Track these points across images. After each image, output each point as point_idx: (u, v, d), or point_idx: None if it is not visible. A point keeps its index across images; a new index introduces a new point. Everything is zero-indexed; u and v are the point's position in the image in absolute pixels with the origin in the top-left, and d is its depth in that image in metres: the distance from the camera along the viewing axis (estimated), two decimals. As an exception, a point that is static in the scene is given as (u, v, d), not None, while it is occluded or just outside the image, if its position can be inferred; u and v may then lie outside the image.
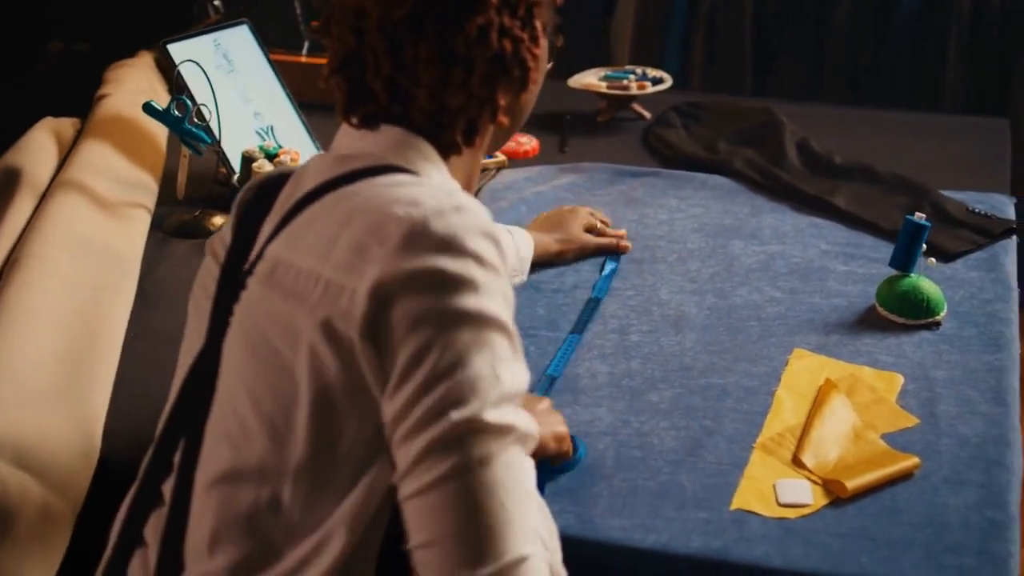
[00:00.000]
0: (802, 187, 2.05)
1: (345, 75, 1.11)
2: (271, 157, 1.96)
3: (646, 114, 2.40)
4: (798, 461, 1.39)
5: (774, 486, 1.35)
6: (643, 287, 1.77)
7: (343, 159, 1.12)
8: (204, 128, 1.91)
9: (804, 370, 1.56)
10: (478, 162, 1.20)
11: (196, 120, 1.90)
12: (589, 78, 2.43)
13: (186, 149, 1.93)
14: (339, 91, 1.12)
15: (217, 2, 2.55)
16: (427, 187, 1.07)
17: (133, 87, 2.24)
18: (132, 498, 1.18)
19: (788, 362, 1.58)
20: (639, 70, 2.45)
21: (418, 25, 1.07)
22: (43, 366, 1.48)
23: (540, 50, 1.14)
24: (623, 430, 1.44)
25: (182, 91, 1.94)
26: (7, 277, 1.64)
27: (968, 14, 3.05)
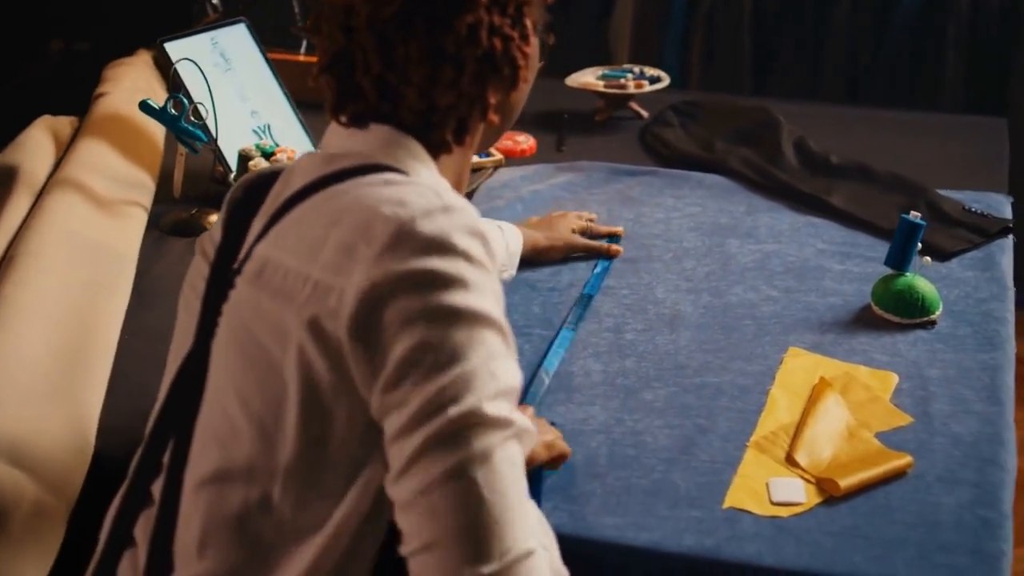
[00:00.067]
0: (799, 186, 2.04)
1: (334, 73, 1.11)
2: (268, 155, 1.96)
3: (644, 113, 2.40)
4: (791, 460, 1.39)
5: (767, 484, 1.35)
6: (638, 286, 1.77)
7: (332, 158, 1.12)
8: (200, 126, 1.91)
9: (799, 369, 1.56)
10: (468, 161, 1.20)
11: (192, 118, 1.90)
12: (587, 77, 2.43)
13: (182, 147, 1.93)
14: (328, 89, 1.12)
15: (216, 1, 2.55)
16: (415, 186, 1.06)
17: (131, 86, 2.24)
18: (121, 498, 1.18)
19: (783, 361, 1.58)
20: (637, 69, 2.45)
21: (408, 23, 1.07)
22: (38, 364, 1.49)
23: (530, 48, 1.14)
24: (617, 428, 1.44)
25: (179, 89, 1.94)
26: (3, 275, 1.64)
27: (967, 14, 3.05)
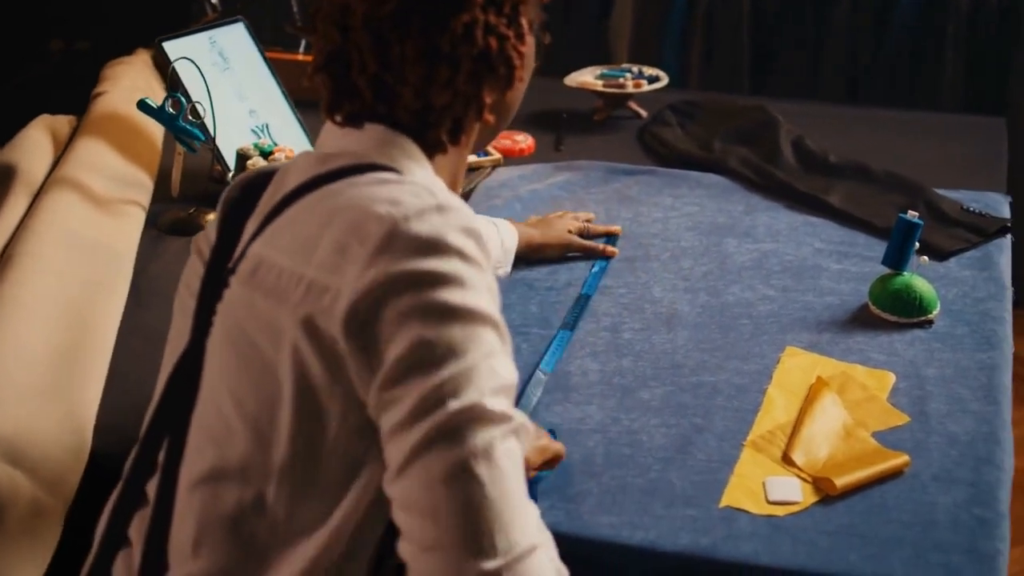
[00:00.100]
0: (797, 185, 2.04)
1: (330, 72, 1.11)
2: (266, 154, 1.96)
3: (642, 112, 2.40)
4: (788, 459, 1.39)
5: (764, 484, 1.35)
6: (636, 285, 1.77)
7: (327, 157, 1.12)
8: (198, 125, 1.91)
9: (796, 368, 1.56)
10: (464, 161, 1.20)
11: (190, 117, 1.90)
12: (585, 76, 2.43)
13: (181, 146, 1.93)
14: (324, 88, 1.12)
15: (215, 0, 2.55)
16: (409, 185, 1.06)
17: (129, 85, 2.24)
18: (116, 498, 1.18)
19: (780, 360, 1.58)
20: (635, 68, 2.45)
21: (403, 22, 1.07)
22: (35, 363, 1.49)
23: (526, 48, 1.14)
24: (613, 428, 1.44)
25: (177, 88, 1.94)
26: (1, 274, 1.64)
27: (966, 13, 3.04)
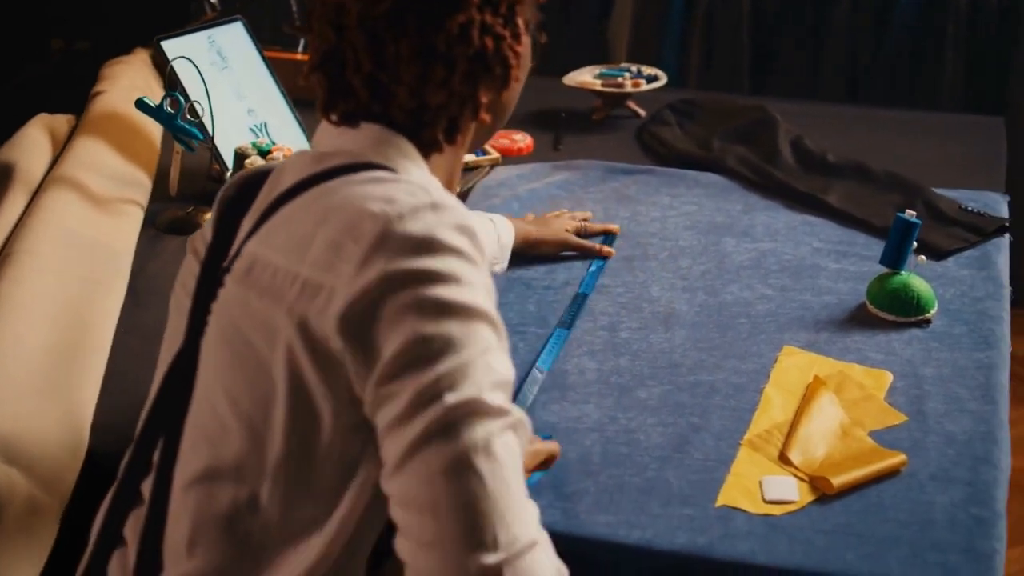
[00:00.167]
0: (795, 185, 2.04)
1: (325, 71, 1.11)
2: (264, 154, 1.96)
3: (641, 112, 2.40)
4: (785, 458, 1.39)
5: (760, 483, 1.35)
6: (634, 284, 1.77)
7: (322, 156, 1.12)
8: (197, 124, 1.91)
9: (793, 367, 1.56)
10: (460, 160, 1.20)
11: (189, 116, 1.90)
12: (584, 76, 2.43)
13: (179, 145, 1.93)
14: (319, 88, 1.12)
15: (214, 0, 2.55)
16: (404, 184, 1.06)
17: (128, 84, 2.24)
18: (111, 498, 1.18)
19: (777, 359, 1.57)
20: (634, 68, 2.45)
21: (399, 22, 1.07)
22: (33, 361, 1.49)
23: (522, 47, 1.14)
24: (610, 426, 1.44)
25: (175, 87, 1.94)
26: (-1, 272, 1.64)
27: (966, 13, 3.04)
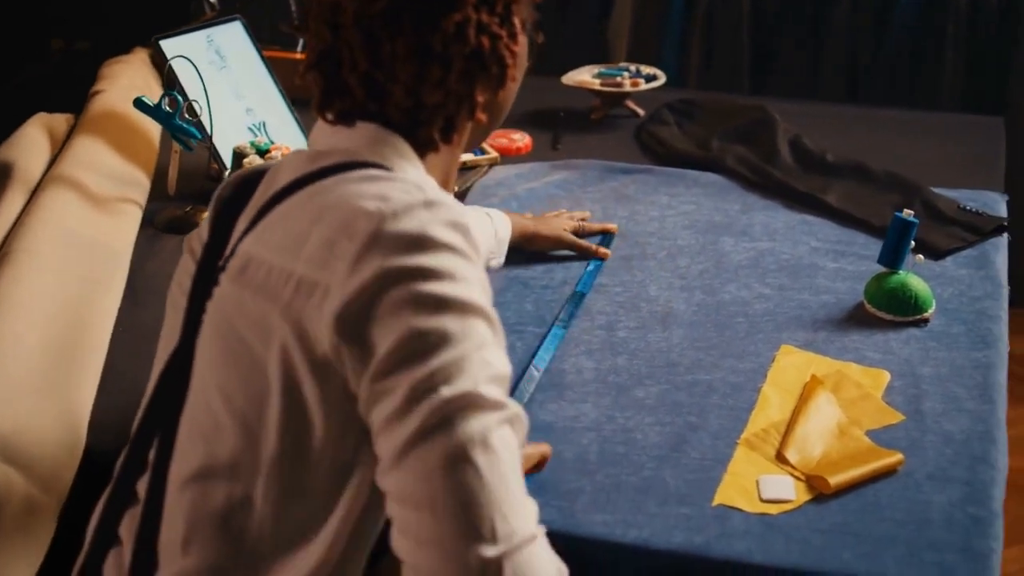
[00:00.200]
0: (794, 184, 2.04)
1: (321, 70, 1.10)
2: (262, 153, 1.96)
3: (640, 111, 2.40)
4: (782, 457, 1.39)
5: (757, 482, 1.35)
6: (631, 283, 1.77)
7: (317, 155, 1.12)
8: (195, 124, 1.91)
9: (791, 366, 1.56)
10: (456, 160, 1.20)
11: (187, 116, 1.90)
12: (583, 75, 2.43)
13: (177, 145, 1.93)
14: (315, 86, 1.12)
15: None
16: (398, 182, 1.06)
17: (127, 83, 2.24)
18: (107, 497, 1.18)
19: (775, 358, 1.57)
20: (633, 67, 2.45)
21: (395, 20, 1.07)
22: (31, 359, 1.49)
23: (519, 47, 1.14)
24: (608, 426, 1.44)
25: (173, 87, 1.94)
26: (-4, 272, 1.64)
27: (966, 13, 3.04)
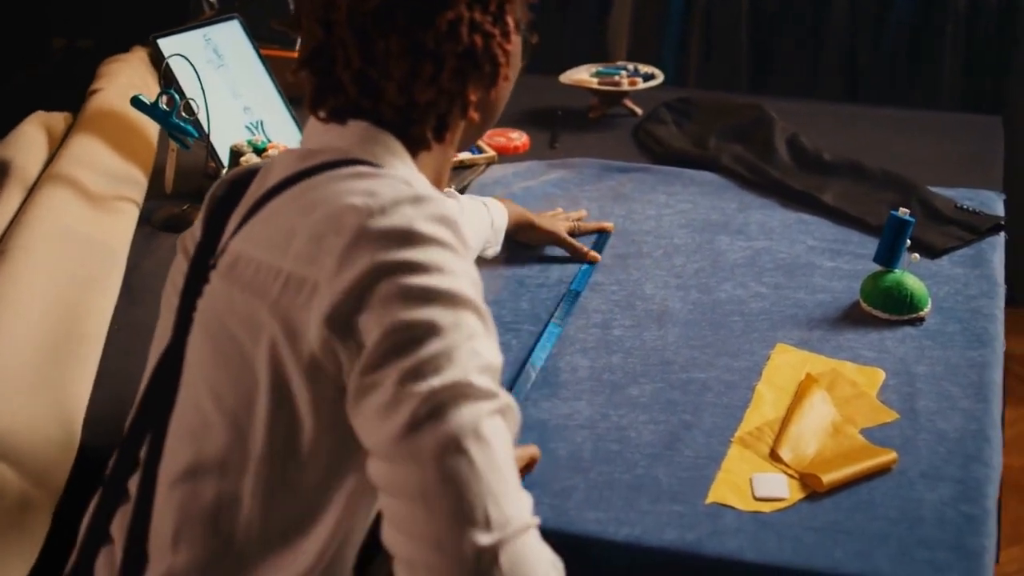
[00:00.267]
0: (790, 183, 2.04)
1: (314, 68, 1.11)
2: (260, 151, 1.96)
3: (637, 110, 2.40)
4: (775, 455, 1.39)
5: (750, 480, 1.35)
6: (627, 282, 1.77)
7: (308, 154, 1.12)
8: (192, 122, 1.91)
9: (786, 365, 1.56)
10: (448, 159, 1.20)
11: (184, 114, 1.90)
12: (580, 74, 2.43)
13: (174, 143, 1.94)
14: (308, 84, 1.12)
15: (212, -2, 2.56)
16: (387, 178, 1.06)
17: (125, 82, 2.24)
18: (99, 496, 1.18)
19: (770, 357, 1.58)
20: (631, 66, 2.45)
21: (388, 18, 1.07)
22: (26, 356, 1.49)
23: (512, 46, 1.14)
24: (602, 424, 1.44)
25: (170, 85, 1.95)
26: (-7, 269, 1.65)
27: (964, 13, 3.05)
